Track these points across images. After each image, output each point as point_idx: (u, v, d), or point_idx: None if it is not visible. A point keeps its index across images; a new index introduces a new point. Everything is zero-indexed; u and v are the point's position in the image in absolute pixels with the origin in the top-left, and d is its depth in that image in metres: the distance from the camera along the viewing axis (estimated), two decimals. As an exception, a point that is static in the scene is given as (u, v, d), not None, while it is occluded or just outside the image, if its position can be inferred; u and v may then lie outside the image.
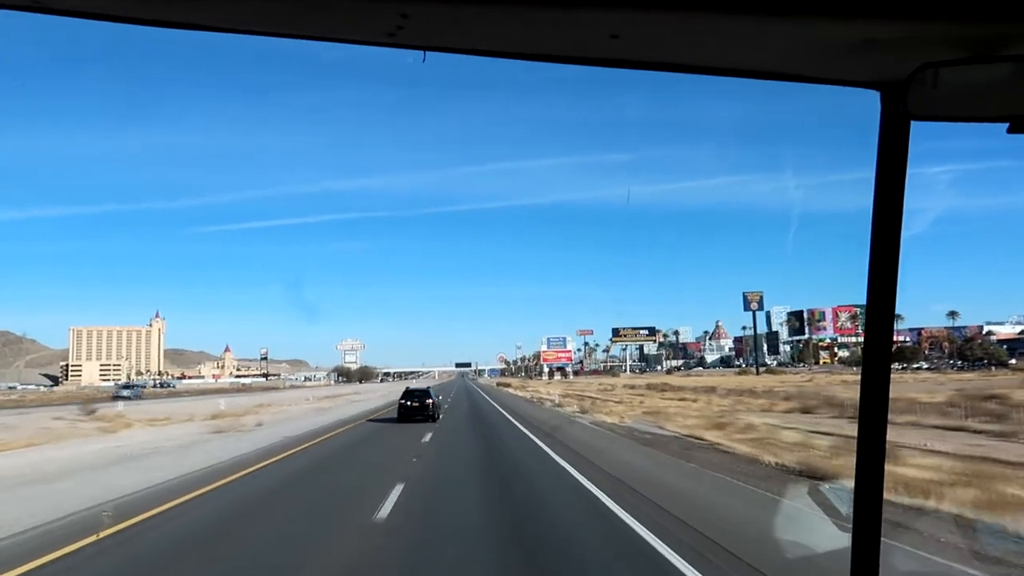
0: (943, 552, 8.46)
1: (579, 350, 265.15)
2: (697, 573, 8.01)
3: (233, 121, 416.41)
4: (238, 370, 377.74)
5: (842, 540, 5.47)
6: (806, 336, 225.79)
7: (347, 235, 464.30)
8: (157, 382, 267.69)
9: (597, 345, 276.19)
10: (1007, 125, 1.57)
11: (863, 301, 1.77)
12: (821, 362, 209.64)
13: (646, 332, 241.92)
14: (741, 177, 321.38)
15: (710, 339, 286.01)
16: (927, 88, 1.50)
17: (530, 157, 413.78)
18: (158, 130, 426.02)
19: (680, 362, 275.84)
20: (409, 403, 35.70)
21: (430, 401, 35.86)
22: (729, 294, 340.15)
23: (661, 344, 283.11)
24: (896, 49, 1.50)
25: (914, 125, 1.67)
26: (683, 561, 8.47)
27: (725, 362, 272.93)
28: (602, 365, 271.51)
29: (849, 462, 5.67)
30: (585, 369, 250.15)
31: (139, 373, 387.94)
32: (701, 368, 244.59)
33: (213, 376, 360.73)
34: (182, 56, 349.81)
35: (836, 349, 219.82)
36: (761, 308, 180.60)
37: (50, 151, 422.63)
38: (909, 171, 1.70)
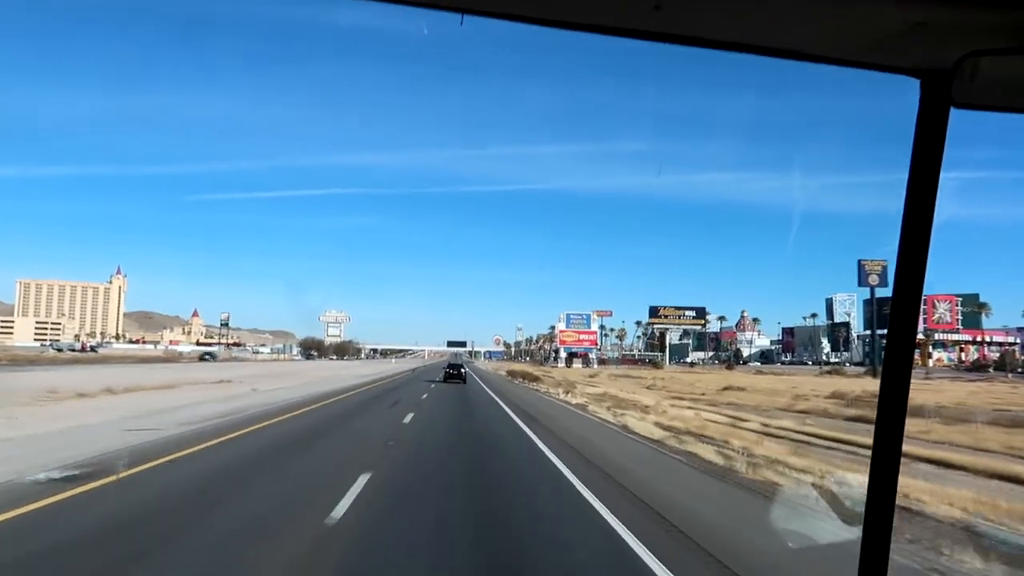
0: None
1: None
2: None
3: (234, 91, 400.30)
4: (206, 337, 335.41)
5: None
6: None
7: (346, 210, 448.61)
8: (87, 345, 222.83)
9: (620, 329, 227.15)
10: None
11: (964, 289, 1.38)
12: (922, 363, 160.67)
13: (692, 314, 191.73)
14: (748, 174, 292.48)
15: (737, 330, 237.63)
16: (967, 77, 1.44)
17: (537, 143, 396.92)
18: (155, 96, 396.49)
19: (709, 354, 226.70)
20: (450, 371, 53.98)
21: (464, 370, 55.82)
22: (750, 285, 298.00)
23: (687, 332, 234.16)
24: (944, 35, 1.44)
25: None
26: None
27: (766, 357, 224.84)
28: (621, 353, 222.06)
29: None
30: (604, 356, 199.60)
31: (91, 334, 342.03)
32: (759, 364, 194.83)
33: (170, 342, 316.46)
34: (177, 20, 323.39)
35: (931, 348, 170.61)
36: (884, 284, 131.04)
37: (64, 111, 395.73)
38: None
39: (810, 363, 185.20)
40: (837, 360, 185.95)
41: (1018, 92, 1.49)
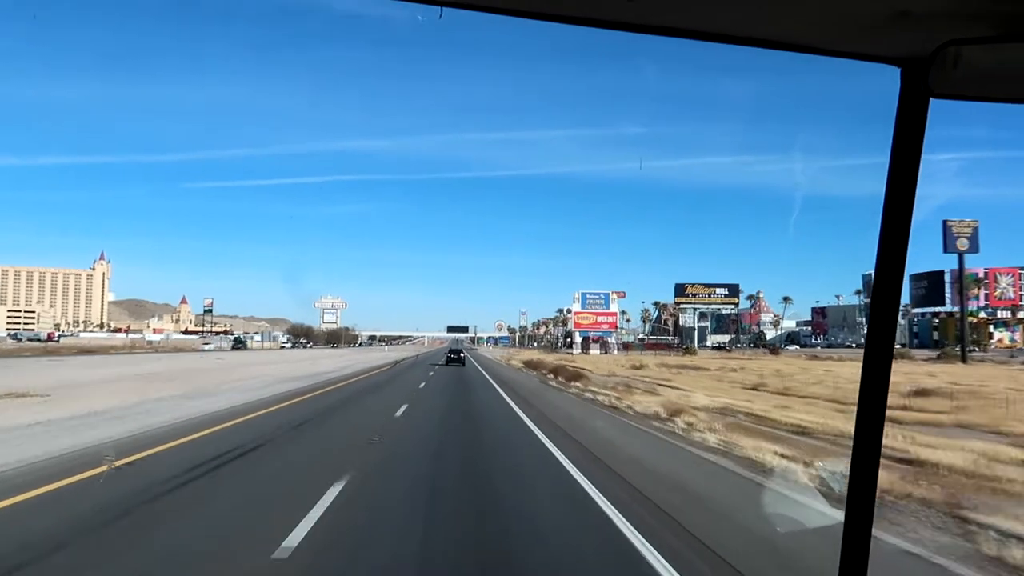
0: None
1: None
2: None
3: (233, 79, 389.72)
4: (195, 324, 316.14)
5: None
6: (947, 307, 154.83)
7: (345, 197, 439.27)
8: (54, 334, 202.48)
9: (644, 310, 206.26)
10: None
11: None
12: (987, 344, 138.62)
13: (724, 292, 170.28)
14: (748, 157, 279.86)
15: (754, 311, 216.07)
16: (949, 66, 1.42)
17: (536, 128, 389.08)
18: (155, 84, 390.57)
19: (728, 337, 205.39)
20: (451, 355, 63.22)
21: (463, 354, 65.13)
22: (758, 267, 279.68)
23: (703, 315, 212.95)
24: (924, 24, 1.41)
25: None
26: None
27: (793, 340, 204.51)
28: (636, 338, 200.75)
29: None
30: (626, 341, 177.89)
31: (74, 322, 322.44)
32: (797, 347, 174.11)
33: (154, 330, 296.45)
34: (169, 4, 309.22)
35: (992, 328, 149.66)
36: (975, 248, 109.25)
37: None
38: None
39: (854, 345, 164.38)
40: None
41: (997, 81, 1.45)
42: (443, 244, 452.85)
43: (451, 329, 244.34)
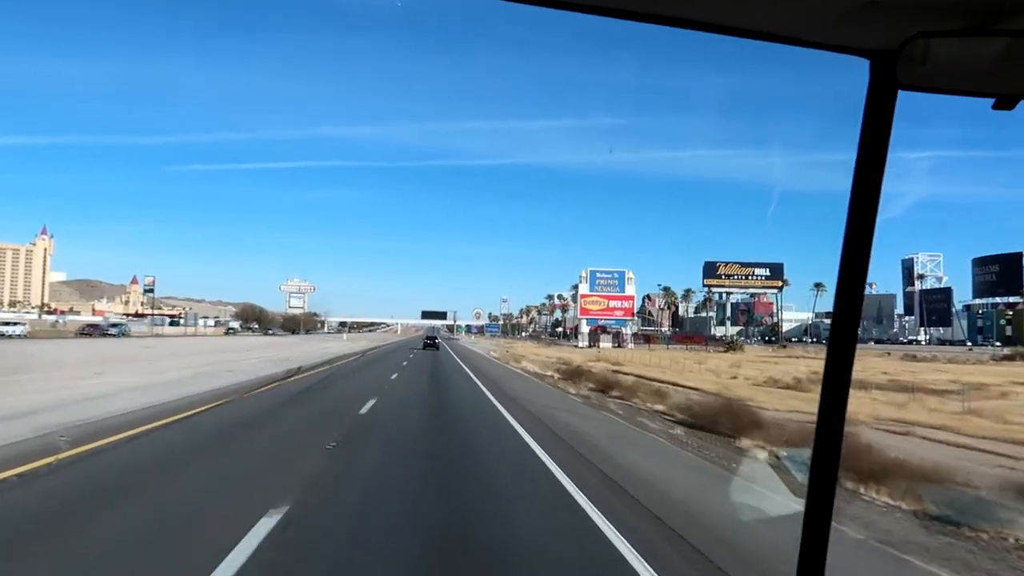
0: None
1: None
2: None
3: (211, 63, 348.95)
4: (144, 306, 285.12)
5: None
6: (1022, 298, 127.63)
7: (321, 183, 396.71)
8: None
9: (664, 292, 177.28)
10: (993, 101, 1.48)
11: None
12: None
13: (766, 273, 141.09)
14: (725, 151, 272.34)
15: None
16: (917, 58, 1.43)
17: (518, 117, 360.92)
18: (131, 66, 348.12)
19: (736, 329, 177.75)
20: (427, 340, 74.76)
21: (438, 340, 78.37)
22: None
23: (704, 304, 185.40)
24: (891, 15, 1.42)
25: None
26: None
27: (811, 333, 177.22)
28: (640, 329, 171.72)
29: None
30: (625, 334, 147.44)
31: (11, 303, 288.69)
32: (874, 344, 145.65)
33: (94, 312, 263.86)
34: None
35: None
36: None
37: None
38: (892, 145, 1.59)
39: (916, 341, 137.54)
40: (939, 338, 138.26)
41: (964, 74, 1.44)
42: (421, 231, 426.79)
43: (426, 315, 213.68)
